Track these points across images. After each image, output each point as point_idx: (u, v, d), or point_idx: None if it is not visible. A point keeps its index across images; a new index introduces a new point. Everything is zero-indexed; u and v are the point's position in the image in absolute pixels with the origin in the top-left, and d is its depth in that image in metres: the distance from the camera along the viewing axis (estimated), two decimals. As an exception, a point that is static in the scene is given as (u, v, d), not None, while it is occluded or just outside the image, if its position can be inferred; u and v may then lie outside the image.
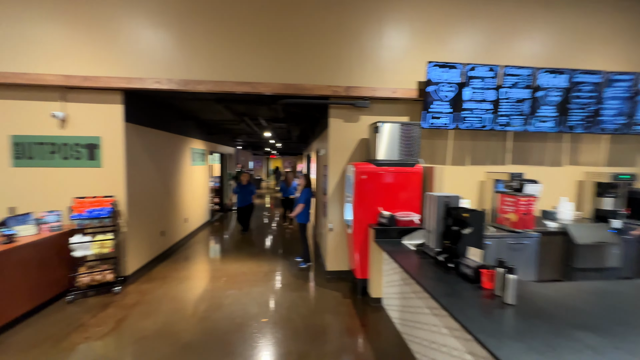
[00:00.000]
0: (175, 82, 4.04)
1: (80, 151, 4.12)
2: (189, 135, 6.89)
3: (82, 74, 3.93)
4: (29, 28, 3.85)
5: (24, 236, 3.49)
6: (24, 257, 3.28)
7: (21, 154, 4.05)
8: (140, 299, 3.86)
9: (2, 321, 3.04)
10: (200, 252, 6.01)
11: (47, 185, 4.09)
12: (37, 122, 4.04)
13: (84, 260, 3.93)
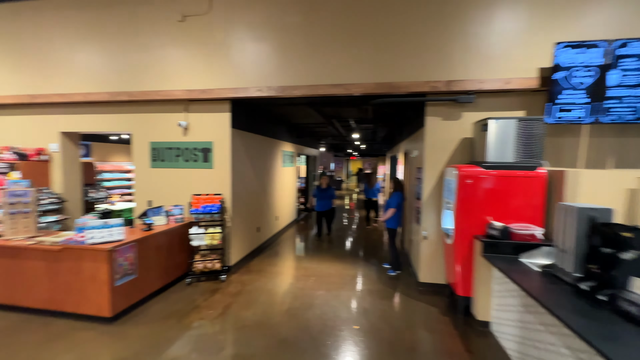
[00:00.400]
0: (274, 89, 4.31)
1: (197, 154, 4.78)
2: (280, 139, 7.37)
3: (200, 87, 4.54)
4: (160, 54, 4.65)
5: (158, 225, 4.21)
6: (158, 242, 3.95)
7: (156, 157, 4.93)
8: (241, 289, 4.24)
9: (145, 293, 3.72)
10: (289, 249, 6.33)
11: (173, 183, 4.88)
12: (167, 130, 4.85)
13: (199, 249, 4.53)
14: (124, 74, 4.80)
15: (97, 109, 5.14)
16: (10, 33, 5.25)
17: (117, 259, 3.29)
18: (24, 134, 5.54)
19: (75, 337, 3.04)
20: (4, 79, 5.34)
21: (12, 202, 3.60)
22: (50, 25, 5.04)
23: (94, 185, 6.11)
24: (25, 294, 3.44)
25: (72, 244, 3.27)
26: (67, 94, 4.98)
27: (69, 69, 5.02)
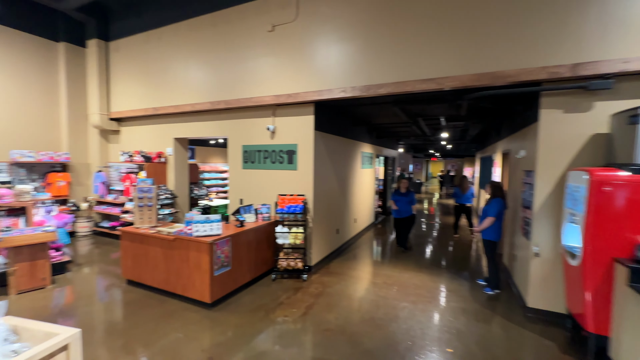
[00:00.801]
0: (358, 89, 4.20)
1: (283, 156, 5.00)
2: (360, 140, 7.24)
3: (287, 92, 4.74)
4: (252, 64, 5.02)
5: (249, 222, 4.54)
6: (249, 238, 4.25)
7: (247, 158, 5.35)
8: (322, 291, 4.25)
9: (237, 284, 4.04)
10: (367, 253, 6.14)
11: (261, 183, 5.22)
12: (257, 134, 5.22)
13: (283, 247, 4.73)
14: (222, 84, 5.35)
15: (200, 117, 5.88)
16: (141, 58, 6.42)
17: (216, 251, 3.65)
18: (149, 140, 6.70)
19: (183, 317, 3.47)
20: (137, 96, 6.55)
21: (140, 197, 4.35)
22: (170, 48, 5.97)
23: (197, 184, 7.03)
24: (148, 274, 4.10)
25: (182, 235, 3.75)
26: (179, 105, 5.83)
27: (182, 84, 5.86)
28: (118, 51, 6.81)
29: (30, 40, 6.33)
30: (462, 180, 7.46)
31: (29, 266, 4.05)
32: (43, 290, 4.10)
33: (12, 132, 6.16)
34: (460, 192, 7.38)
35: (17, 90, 6.21)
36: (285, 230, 4.58)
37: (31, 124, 6.45)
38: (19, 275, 3.97)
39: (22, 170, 6.29)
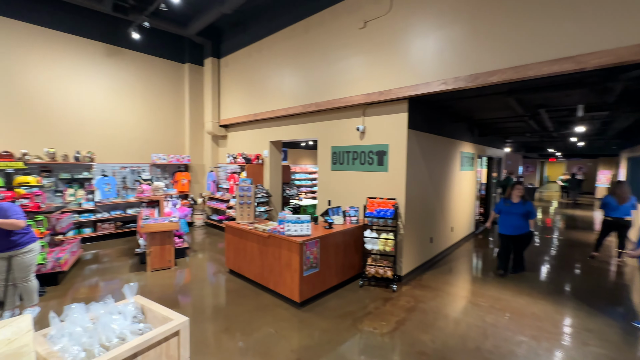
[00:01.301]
0: (463, 79, 3.65)
1: (373, 157, 4.77)
2: (459, 138, 6.42)
3: (378, 90, 4.49)
4: (343, 64, 4.94)
5: (337, 224, 4.48)
6: (336, 241, 4.18)
7: (336, 160, 5.32)
8: (415, 305, 3.85)
9: (325, 287, 4.02)
10: (466, 268, 5.36)
11: (349, 185, 5.11)
12: (346, 135, 5.13)
13: (371, 253, 4.50)
14: (313, 88, 5.46)
15: (293, 120, 6.15)
16: (244, 70, 7.14)
17: (305, 252, 3.68)
18: (249, 144, 7.39)
19: (274, 313, 3.61)
20: (240, 104, 7.32)
21: (241, 195, 4.77)
22: (268, 59, 6.46)
23: (289, 184, 7.44)
24: (246, 266, 4.46)
25: (275, 233, 3.93)
26: (275, 110, 6.23)
27: (277, 90, 6.25)
28: (227, 66, 7.76)
29: (164, 64, 7.78)
30: (619, 186, 5.57)
31: (160, 249, 4.91)
32: (168, 270, 4.91)
33: (152, 139, 7.68)
34: (616, 202, 5.48)
35: (156, 105, 7.71)
36: (374, 235, 4.34)
37: (164, 132, 7.92)
38: (153, 256, 4.85)
39: (158, 170, 7.78)
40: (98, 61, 6.72)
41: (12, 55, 5.70)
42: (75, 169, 6.46)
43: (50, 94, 6.14)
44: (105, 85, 6.85)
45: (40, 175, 5.95)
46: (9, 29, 5.63)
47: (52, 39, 6.10)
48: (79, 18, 6.37)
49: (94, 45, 6.63)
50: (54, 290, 4.13)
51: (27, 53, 5.84)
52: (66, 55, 6.29)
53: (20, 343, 1.14)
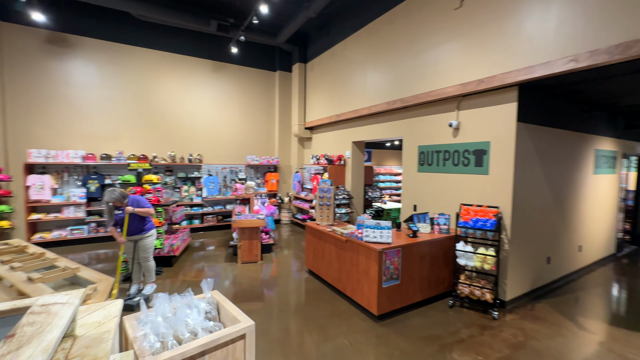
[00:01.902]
0: (604, 51, 2.73)
1: (469, 158, 4.09)
2: (592, 132, 4.98)
3: (477, 78, 3.81)
4: (433, 54, 4.38)
5: (422, 233, 4.00)
6: (422, 251, 3.71)
7: (423, 160, 4.78)
8: (524, 342, 3.08)
9: (406, 302, 3.62)
10: (602, 300, 4.07)
11: (439, 189, 4.51)
12: (436, 132, 4.56)
13: (465, 270, 3.85)
14: (398, 83, 5.05)
15: (376, 119, 5.84)
16: (328, 72, 7.19)
17: (385, 261, 3.37)
18: (332, 145, 7.40)
19: (350, 322, 3.41)
20: (324, 106, 7.40)
21: (321, 196, 4.75)
22: (351, 57, 6.33)
23: (372, 186, 7.15)
24: (324, 269, 4.40)
25: (352, 238, 3.73)
26: (357, 109, 6.04)
27: (360, 89, 6.05)
28: (312, 70, 7.97)
29: (258, 74, 8.50)
30: None
31: (249, 244, 5.31)
32: (255, 264, 5.27)
33: (247, 142, 8.48)
34: None
35: (250, 111, 8.49)
36: (469, 249, 3.69)
37: (257, 136, 8.65)
38: (242, 249, 5.29)
39: (251, 170, 8.56)
40: (206, 76, 7.79)
41: (147, 78, 7.09)
42: (189, 169, 7.63)
43: (172, 107, 7.42)
44: (211, 96, 7.89)
45: (165, 174, 7.25)
46: (144, 57, 7.02)
47: (173, 61, 7.35)
48: (192, 41, 7.50)
49: (203, 63, 7.71)
50: (168, 271, 4.89)
51: (156, 75, 7.19)
52: (183, 74, 7.50)
53: (105, 328, 1.24)
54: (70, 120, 6.40)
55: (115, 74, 6.76)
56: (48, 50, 6.16)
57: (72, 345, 1.13)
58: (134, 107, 6.99)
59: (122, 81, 6.83)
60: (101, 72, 6.63)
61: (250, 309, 3.70)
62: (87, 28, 6.41)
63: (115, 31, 6.65)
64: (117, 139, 6.85)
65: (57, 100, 6.27)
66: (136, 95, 6.99)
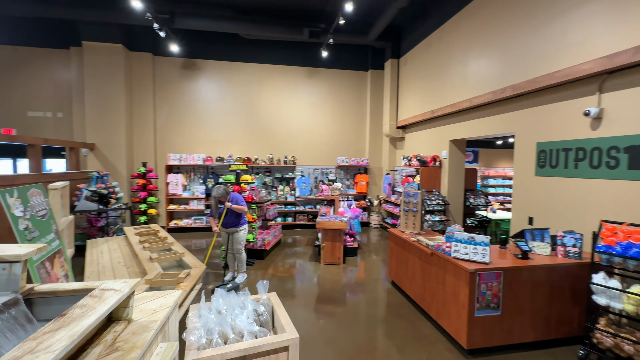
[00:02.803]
0: None
1: (617, 157, 2.96)
2: None
3: (633, 44, 2.71)
4: (558, 23, 3.36)
5: (537, 254, 3.12)
6: (535, 279, 2.89)
7: (544, 161, 3.75)
8: None
9: (510, 340, 2.87)
10: None
11: (567, 198, 3.45)
12: (564, 124, 3.50)
13: (608, 312, 2.79)
14: (508, 66, 4.13)
15: (479, 113, 4.95)
16: (422, 64, 6.54)
17: (479, 285, 2.75)
18: (426, 144, 6.71)
19: (434, 351, 2.93)
20: (417, 103, 6.78)
21: (406, 201, 4.31)
22: (449, 45, 5.58)
23: (474, 191, 6.11)
24: (407, 282, 3.97)
25: (439, 252, 3.21)
26: (455, 103, 5.26)
27: (459, 80, 5.25)
28: (406, 64, 7.43)
29: (349, 75, 8.48)
30: None
31: (331, 246, 5.30)
32: (337, 267, 5.21)
33: (337, 144, 8.57)
34: None
35: (341, 113, 8.54)
36: (616, 284, 2.64)
37: (348, 137, 8.64)
38: (325, 251, 5.31)
39: (341, 172, 8.60)
40: (301, 83, 8.25)
41: (251, 90, 8.00)
42: (285, 170, 8.24)
43: (271, 114, 8.15)
44: (305, 101, 8.31)
45: (264, 174, 8.04)
46: (249, 71, 7.94)
47: (272, 72, 8.07)
48: (288, 51, 8.06)
49: (298, 70, 8.20)
50: (259, 263, 5.35)
51: (259, 86, 8.04)
52: (281, 82, 8.14)
53: (155, 317, 1.34)
54: (196, 130, 7.82)
55: (227, 89, 7.89)
56: (183, 75, 7.69)
57: (124, 329, 1.25)
58: (242, 116, 8.00)
59: (232, 94, 7.92)
60: (218, 88, 7.85)
61: (323, 313, 3.64)
62: (208, 52, 7.71)
63: (227, 52, 7.77)
64: (228, 143, 7.97)
65: (188, 114, 7.76)
66: (243, 106, 7.99)
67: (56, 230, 2.48)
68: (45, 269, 2.09)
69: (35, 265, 2.00)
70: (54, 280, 2.18)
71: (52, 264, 2.23)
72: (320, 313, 3.64)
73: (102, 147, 6.94)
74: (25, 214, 2.05)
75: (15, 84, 7.05)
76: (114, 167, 7.03)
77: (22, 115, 7.10)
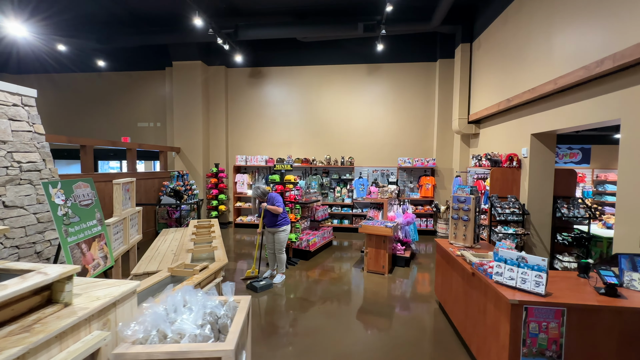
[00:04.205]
0: None
1: None
2: None
3: None
4: None
5: (631, 290, 2.16)
6: (623, 325, 1.99)
7: (666, 159, 2.60)
8: None
9: (574, 405, 2.06)
10: None
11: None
12: (699, 103, 2.35)
13: None
14: (609, 32, 3.04)
15: (566, 98, 3.82)
16: (498, 46, 5.46)
17: (527, 323, 2.06)
18: (502, 140, 5.59)
19: (461, 394, 2.34)
20: (492, 92, 5.70)
21: (456, 208, 3.62)
22: (529, 15, 4.51)
23: (572, 199, 4.71)
24: (450, 303, 3.31)
25: (479, 272, 2.55)
26: (536, 87, 4.19)
27: (540, 58, 4.17)
28: (479, 48, 6.34)
29: (415, 68, 7.74)
30: None
31: (375, 252, 4.88)
32: (380, 276, 4.76)
33: (400, 143, 7.92)
34: None
35: (405, 110, 7.87)
36: None
37: (413, 136, 7.90)
38: (368, 258, 4.92)
39: (404, 173, 7.92)
40: (361, 80, 7.95)
41: (311, 92, 8.11)
42: (342, 171, 8.06)
43: (329, 114, 8.10)
44: (365, 100, 7.97)
45: (321, 175, 8.04)
46: (309, 73, 8.06)
47: (331, 72, 8.01)
48: (347, 49, 7.85)
49: (358, 68, 7.92)
50: (302, 264, 5.32)
51: (318, 87, 8.08)
52: (340, 82, 8.01)
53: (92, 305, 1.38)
54: (261, 133, 8.37)
55: (288, 93, 8.20)
56: (250, 82, 8.34)
57: (54, 312, 1.32)
58: (301, 118, 8.19)
59: (293, 97, 8.19)
60: (280, 92, 8.24)
61: (342, 326, 3.33)
62: (271, 59, 8.17)
63: (288, 57, 8.08)
64: (288, 145, 8.27)
65: (254, 118, 8.38)
66: (303, 108, 8.17)
67: (100, 217, 2.94)
68: (80, 250, 2.49)
69: (69, 246, 2.39)
70: (89, 260, 2.58)
71: (90, 246, 2.64)
72: (339, 325, 3.35)
73: (186, 150, 8.09)
74: (67, 202, 2.47)
75: (130, 100, 8.87)
76: (194, 167, 8.10)
77: (133, 125, 8.87)
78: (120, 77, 8.84)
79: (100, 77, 8.91)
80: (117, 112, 8.92)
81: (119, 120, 8.91)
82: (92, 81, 8.92)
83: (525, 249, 4.75)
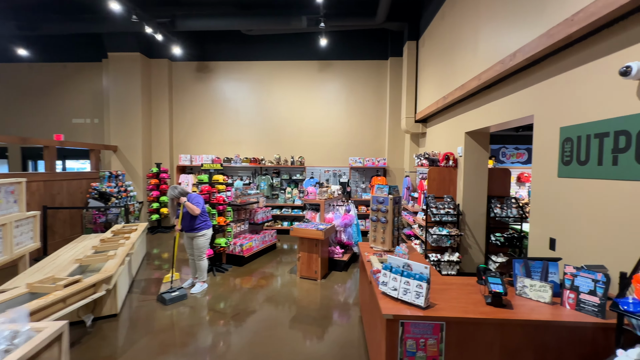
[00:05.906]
0: None
1: (678, 143, 1.67)
2: None
3: None
4: None
5: (529, 299, 1.97)
6: (509, 341, 1.79)
7: (570, 155, 2.47)
8: None
9: None
10: None
11: (601, 213, 2.16)
12: (593, 97, 2.23)
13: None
14: (517, 25, 2.91)
15: (490, 95, 3.72)
16: (437, 42, 5.34)
17: (404, 340, 1.81)
18: (442, 139, 5.48)
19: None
20: (432, 90, 5.58)
21: (374, 209, 3.38)
22: (462, 10, 4.39)
23: (505, 199, 4.65)
24: (365, 315, 3.06)
25: (374, 279, 2.30)
26: (465, 83, 4.06)
27: (470, 53, 4.06)
28: (424, 45, 6.24)
29: (367, 66, 7.57)
30: None
31: (307, 257, 4.59)
32: (313, 282, 4.47)
33: (352, 143, 7.72)
34: None
35: (357, 108, 7.68)
36: (652, 375, 1.42)
37: (365, 135, 7.72)
38: (301, 262, 4.62)
39: (356, 174, 7.71)
40: (313, 77, 7.68)
41: (260, 88, 7.75)
42: (293, 171, 7.75)
43: (281, 112, 7.77)
44: (316, 97, 7.70)
45: (272, 175, 7.69)
46: (258, 69, 7.70)
47: (281, 68, 7.69)
48: (298, 45, 7.56)
49: (309, 65, 7.65)
50: (234, 271, 4.93)
51: (269, 84, 7.73)
52: (291, 79, 7.70)
53: None
54: (208, 130, 7.89)
55: (238, 89, 7.79)
56: (197, 77, 7.86)
57: None
58: (251, 115, 7.80)
59: (242, 94, 7.78)
60: (229, 88, 7.81)
61: (259, 339, 2.99)
62: (218, 53, 7.73)
63: (236, 51, 7.68)
64: (237, 144, 7.86)
65: (201, 115, 7.89)
66: (253, 105, 7.79)
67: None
68: None
69: None
70: None
71: None
72: (241, 340, 3.01)
73: (123, 149, 7.47)
74: None
75: (64, 94, 8.11)
76: (132, 167, 7.50)
77: (68, 122, 8.13)
78: (54, 69, 8.08)
79: (30, 68, 8.10)
80: (50, 107, 8.14)
81: (53, 116, 8.13)
82: (21, 72, 8.09)
83: (460, 250, 4.64)
